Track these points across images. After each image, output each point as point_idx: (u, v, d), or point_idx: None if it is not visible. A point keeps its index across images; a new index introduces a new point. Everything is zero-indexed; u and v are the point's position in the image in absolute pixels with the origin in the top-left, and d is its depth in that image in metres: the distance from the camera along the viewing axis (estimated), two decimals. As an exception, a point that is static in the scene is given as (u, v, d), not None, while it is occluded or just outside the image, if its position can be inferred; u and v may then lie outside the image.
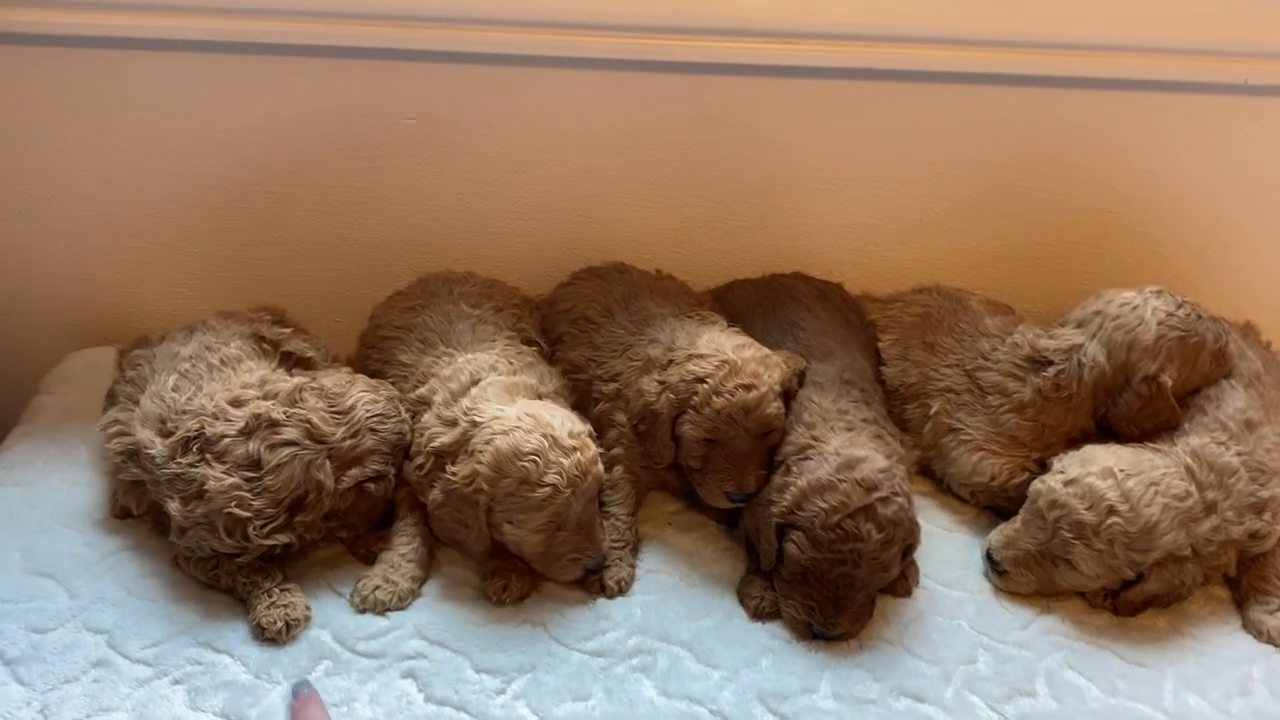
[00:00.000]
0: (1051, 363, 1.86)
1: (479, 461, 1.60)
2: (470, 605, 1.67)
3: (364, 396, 1.70)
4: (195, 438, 1.62)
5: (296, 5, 1.92)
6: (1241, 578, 1.78)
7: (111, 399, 1.82)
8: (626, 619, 1.66)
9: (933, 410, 1.95)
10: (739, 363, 1.74)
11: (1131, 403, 1.82)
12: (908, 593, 1.75)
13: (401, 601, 1.64)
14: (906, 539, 1.66)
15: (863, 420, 1.81)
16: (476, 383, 1.75)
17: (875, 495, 1.61)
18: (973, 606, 1.74)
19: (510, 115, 2.09)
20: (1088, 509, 1.66)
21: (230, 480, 1.58)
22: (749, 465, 1.75)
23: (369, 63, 2.00)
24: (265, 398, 1.65)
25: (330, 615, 1.63)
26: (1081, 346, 1.85)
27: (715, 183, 2.19)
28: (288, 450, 1.61)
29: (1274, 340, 2.09)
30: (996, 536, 1.78)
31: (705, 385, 1.72)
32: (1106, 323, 1.84)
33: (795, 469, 1.69)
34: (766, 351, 1.80)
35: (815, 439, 1.74)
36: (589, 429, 1.69)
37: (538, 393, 1.78)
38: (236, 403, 1.64)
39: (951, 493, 1.97)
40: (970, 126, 2.15)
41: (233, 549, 1.60)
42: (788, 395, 1.82)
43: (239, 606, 1.63)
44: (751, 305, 2.09)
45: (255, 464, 1.60)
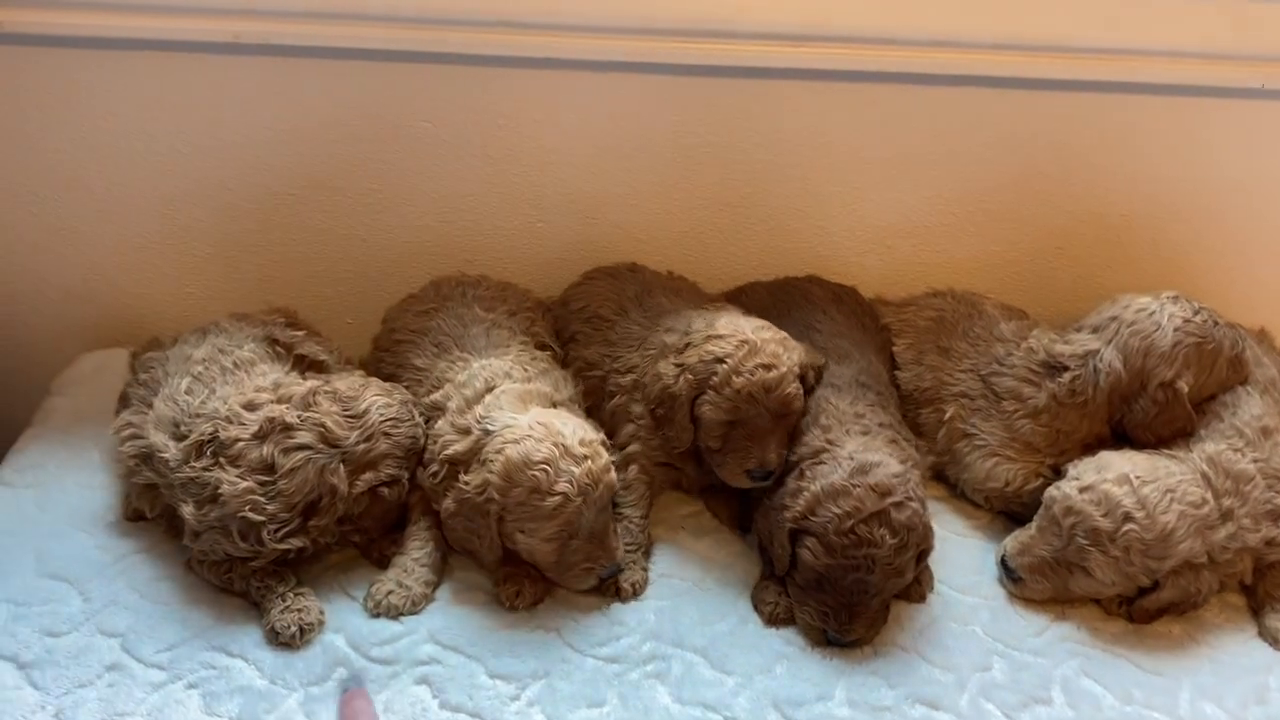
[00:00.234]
0: (1067, 368, 1.86)
1: (490, 471, 1.60)
2: (484, 610, 1.66)
3: (378, 400, 1.69)
4: (209, 441, 1.62)
5: (310, 7, 1.92)
6: (1257, 585, 1.77)
7: (124, 401, 1.81)
8: (640, 624, 1.66)
9: (947, 415, 1.95)
10: (758, 343, 1.74)
11: (1147, 409, 1.81)
12: (922, 598, 1.74)
13: (415, 606, 1.64)
14: (920, 544, 1.65)
15: (879, 425, 1.81)
16: (491, 389, 1.74)
17: (889, 500, 1.60)
18: (987, 613, 1.73)
19: (524, 118, 2.08)
20: (1104, 516, 1.65)
21: (245, 484, 1.58)
22: (770, 442, 1.75)
23: (382, 65, 2.00)
24: (279, 401, 1.65)
25: (344, 619, 1.63)
26: (1097, 352, 1.84)
27: (729, 185, 2.19)
28: (301, 454, 1.60)
29: (1289, 346, 2.09)
30: (1011, 543, 1.77)
31: (725, 365, 1.72)
32: (1123, 328, 1.83)
33: (809, 473, 1.69)
34: (785, 334, 1.80)
35: (830, 442, 1.74)
36: (602, 437, 1.69)
37: (552, 400, 1.77)
38: (250, 406, 1.64)
39: (965, 498, 1.97)
40: (984, 130, 2.14)
41: (247, 553, 1.60)
42: (806, 388, 1.81)
43: (253, 610, 1.63)
44: (765, 308, 2.08)
45: (269, 468, 1.60)
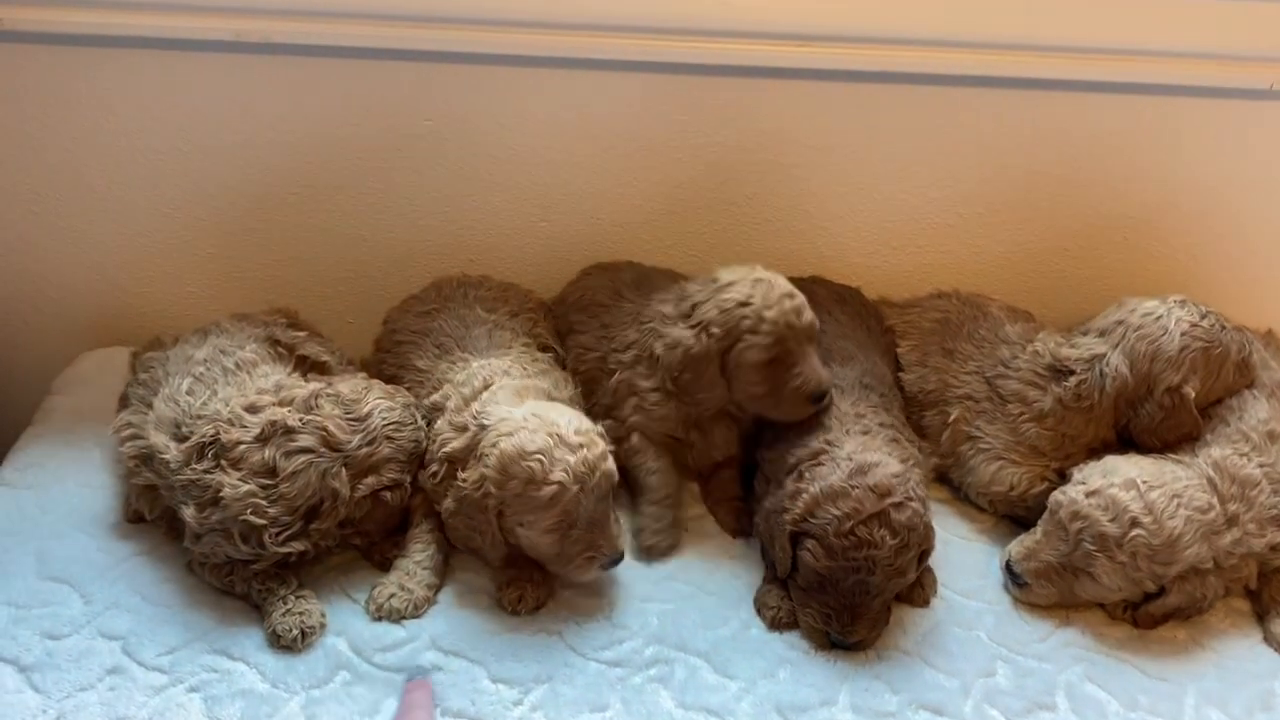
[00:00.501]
0: (1073, 372, 1.85)
1: (486, 465, 1.59)
2: (486, 614, 1.66)
3: (380, 404, 1.68)
4: (211, 444, 1.61)
5: (313, 6, 1.91)
6: (1263, 590, 1.77)
7: (124, 401, 1.80)
8: (643, 628, 1.65)
9: (951, 418, 1.94)
10: (770, 278, 1.77)
11: (1154, 413, 1.81)
12: (925, 603, 1.73)
13: (417, 610, 1.63)
14: (922, 544, 1.64)
15: (879, 424, 1.80)
16: (488, 387, 1.74)
17: (889, 501, 1.59)
18: (991, 617, 1.73)
19: (526, 117, 2.07)
20: (1111, 520, 1.64)
21: (246, 487, 1.57)
22: (815, 364, 1.77)
23: (384, 63, 1.99)
24: (281, 404, 1.64)
25: (346, 623, 1.62)
26: (1104, 356, 1.83)
27: (733, 185, 2.18)
28: (303, 457, 1.59)
29: (1296, 348, 2.07)
30: (1017, 548, 1.76)
31: (751, 306, 1.74)
32: (1129, 332, 1.82)
33: (808, 475, 1.68)
34: None
35: (829, 443, 1.73)
36: (599, 428, 1.67)
37: (550, 397, 1.76)
38: (252, 409, 1.63)
39: (969, 501, 1.96)
40: (991, 130, 2.13)
41: (248, 556, 1.59)
42: None
43: (254, 613, 1.62)
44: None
45: (271, 471, 1.59)
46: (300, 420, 1.61)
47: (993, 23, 1.98)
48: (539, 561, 1.67)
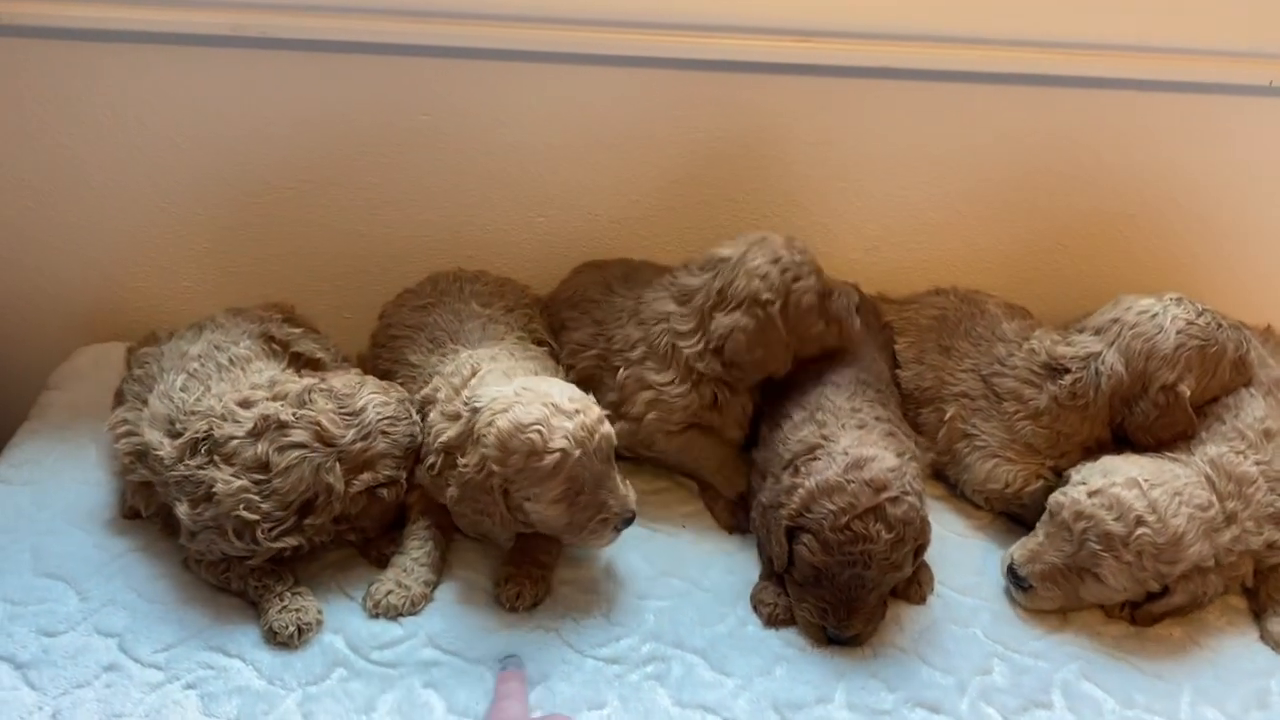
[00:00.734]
0: (1069, 370, 1.85)
1: (484, 445, 1.57)
2: (483, 611, 1.65)
3: (374, 399, 1.68)
4: (204, 439, 1.60)
5: (310, 0, 1.90)
6: (1259, 588, 1.77)
7: (119, 398, 1.80)
8: (640, 625, 1.65)
9: (948, 415, 1.94)
10: (759, 235, 1.86)
11: (1148, 412, 1.80)
12: (922, 599, 1.73)
13: (414, 606, 1.63)
14: (918, 538, 1.64)
15: (875, 419, 1.79)
16: (476, 374, 1.73)
17: (884, 495, 1.59)
18: (987, 615, 1.72)
19: (524, 112, 2.07)
20: (1116, 520, 1.63)
21: (239, 483, 1.57)
22: (836, 282, 1.90)
23: (381, 58, 1.98)
24: (274, 399, 1.63)
25: (343, 620, 1.62)
26: (1099, 354, 1.83)
27: (731, 181, 2.17)
28: (297, 453, 1.59)
29: (1293, 345, 2.07)
30: (1019, 552, 1.74)
31: (781, 260, 1.81)
32: (1125, 331, 1.82)
33: (804, 469, 1.67)
34: None
35: (825, 438, 1.72)
36: (591, 398, 1.66)
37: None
38: (245, 404, 1.62)
39: (965, 498, 1.96)
40: (989, 126, 2.12)
41: (242, 551, 1.59)
42: None
43: (250, 610, 1.62)
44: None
45: (264, 466, 1.58)
46: (293, 415, 1.61)
47: (991, 19, 1.98)
48: (552, 536, 1.66)
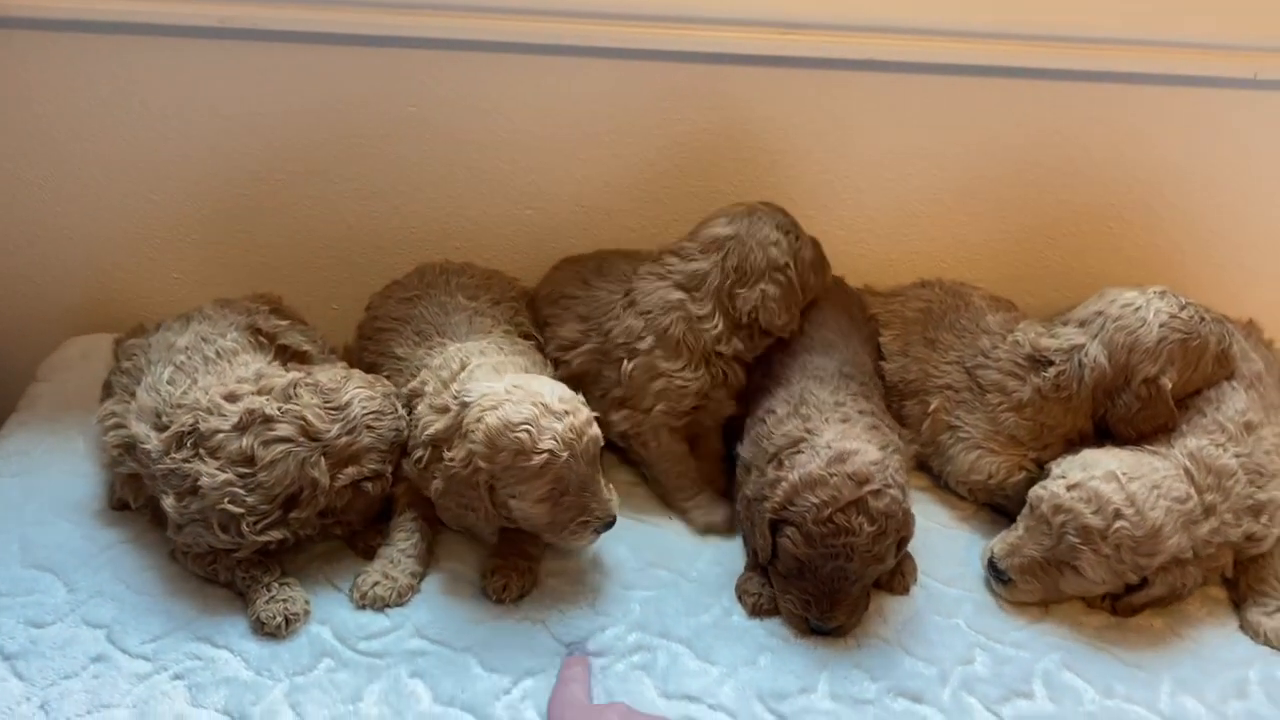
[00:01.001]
0: (1052, 363, 1.85)
1: (472, 441, 1.58)
2: (470, 602, 1.66)
3: (360, 393, 1.68)
4: (189, 433, 1.61)
5: (295, -8, 1.91)
6: (1239, 579, 1.78)
7: (107, 389, 1.80)
8: (625, 615, 1.66)
9: (932, 407, 1.95)
10: (746, 208, 1.91)
11: (1130, 404, 1.81)
12: (905, 590, 1.75)
13: (401, 597, 1.64)
14: (900, 531, 1.65)
15: (859, 412, 1.80)
16: (465, 368, 1.73)
17: (867, 488, 1.60)
18: (970, 605, 1.74)
19: (511, 104, 2.07)
20: (1094, 513, 1.64)
21: (223, 476, 1.57)
22: None
23: (368, 50, 1.98)
24: (260, 393, 1.63)
25: (330, 611, 1.63)
26: (1083, 347, 1.83)
27: (718, 173, 2.18)
28: (282, 447, 1.59)
29: (1277, 338, 2.08)
30: (999, 545, 1.75)
31: (781, 224, 1.88)
32: (1108, 323, 1.83)
33: (788, 463, 1.68)
34: None
35: (809, 431, 1.73)
36: (581, 398, 1.66)
37: (528, 373, 1.76)
38: (231, 397, 1.63)
39: (949, 489, 1.97)
40: (975, 120, 2.13)
41: (228, 544, 1.60)
42: None
43: (238, 601, 1.63)
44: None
45: (249, 460, 1.58)
46: (279, 409, 1.61)
47: (978, 12, 1.98)
48: (533, 533, 1.67)
